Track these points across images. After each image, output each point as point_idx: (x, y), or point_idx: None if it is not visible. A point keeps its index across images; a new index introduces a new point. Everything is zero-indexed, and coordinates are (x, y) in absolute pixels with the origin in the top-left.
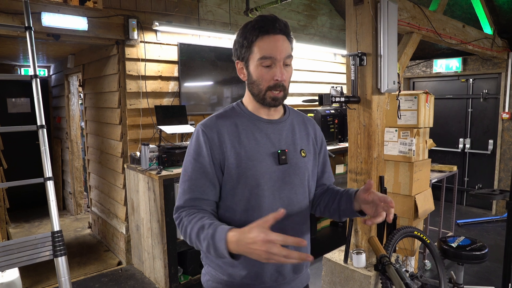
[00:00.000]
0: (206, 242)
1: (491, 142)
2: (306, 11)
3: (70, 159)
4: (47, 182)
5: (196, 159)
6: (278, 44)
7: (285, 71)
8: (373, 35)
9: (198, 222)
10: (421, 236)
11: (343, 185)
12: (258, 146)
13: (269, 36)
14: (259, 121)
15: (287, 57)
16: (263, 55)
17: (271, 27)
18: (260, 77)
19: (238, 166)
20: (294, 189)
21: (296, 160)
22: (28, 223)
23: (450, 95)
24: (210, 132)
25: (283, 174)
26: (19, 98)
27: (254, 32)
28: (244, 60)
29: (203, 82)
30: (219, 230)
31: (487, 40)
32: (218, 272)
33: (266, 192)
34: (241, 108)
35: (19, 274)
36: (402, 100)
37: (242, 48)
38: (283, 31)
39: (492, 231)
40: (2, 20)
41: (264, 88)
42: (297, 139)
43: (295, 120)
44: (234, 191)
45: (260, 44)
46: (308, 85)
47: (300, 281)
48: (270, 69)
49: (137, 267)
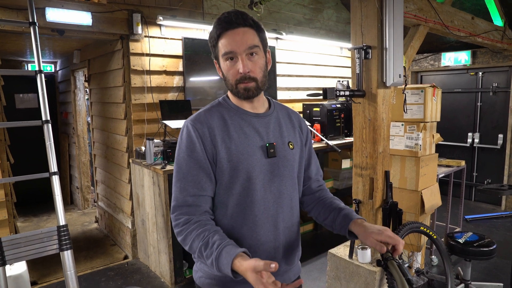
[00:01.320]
0: (210, 260)
1: (500, 136)
2: (312, 5)
3: (77, 154)
4: (52, 176)
5: (190, 156)
6: (237, 38)
7: (250, 62)
8: (378, 27)
9: (201, 236)
10: (427, 232)
11: (350, 180)
12: (247, 140)
13: (228, 31)
14: (246, 115)
15: (251, 47)
16: (225, 50)
17: (229, 22)
18: (228, 72)
19: (229, 161)
20: (283, 181)
21: (284, 152)
22: (37, 217)
23: (458, 89)
24: (201, 128)
25: (272, 167)
26: (26, 94)
27: (216, 31)
28: (216, 58)
29: (208, 77)
30: (224, 255)
31: (497, 32)
32: (212, 268)
33: (258, 185)
34: (227, 102)
35: (26, 267)
36: (408, 94)
37: (212, 48)
38: (242, 24)
39: (501, 227)
40: (7, 16)
41: (233, 82)
42: (284, 132)
43: (280, 114)
44: (225, 185)
45: (222, 41)
46: (314, 79)
47: (292, 272)
48: (235, 63)
49: (143, 261)
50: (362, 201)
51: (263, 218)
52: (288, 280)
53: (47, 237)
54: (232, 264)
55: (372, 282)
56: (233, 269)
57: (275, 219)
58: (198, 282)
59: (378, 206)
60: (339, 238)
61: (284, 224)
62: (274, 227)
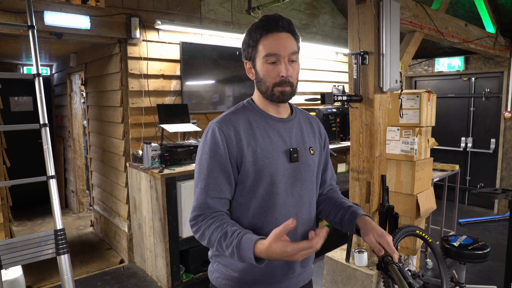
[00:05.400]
0: (230, 249)
1: (493, 141)
2: (308, 10)
3: (73, 158)
4: (49, 180)
5: (212, 157)
6: (282, 41)
7: (291, 67)
8: (375, 33)
9: (219, 228)
10: (423, 235)
11: (345, 184)
12: (272, 144)
13: (273, 34)
14: (271, 119)
15: (292, 53)
16: (268, 52)
17: (274, 25)
18: (266, 74)
19: (254, 164)
20: (304, 185)
21: (306, 158)
22: (31, 221)
23: (452, 94)
24: (227, 130)
25: (294, 171)
26: (21, 97)
27: (258, 31)
28: (251, 59)
29: (205, 81)
30: (245, 241)
31: (489, 38)
32: (229, 269)
33: (280, 189)
34: (252, 106)
35: (22, 272)
36: (404, 99)
37: (249, 48)
38: (287, 29)
39: (494, 230)
40: (5, 19)
41: (271, 85)
42: (305, 137)
43: (301, 119)
44: (249, 188)
45: (264, 42)
46: (310, 84)
47: (306, 275)
48: (276, 66)
49: (139, 265)
50: (359, 205)
51: (284, 222)
52: (302, 282)
53: (44, 241)
54: (254, 247)
55: (368, 285)
56: (255, 256)
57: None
58: (215, 283)
59: (374, 210)
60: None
61: (303, 228)
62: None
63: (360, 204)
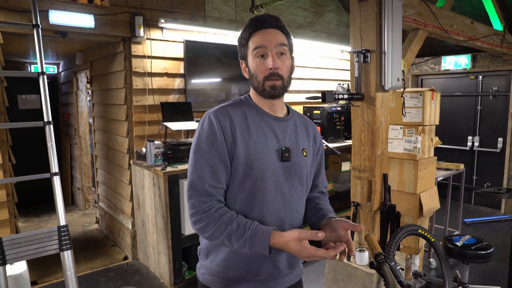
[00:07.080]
0: (242, 240)
1: (500, 140)
2: (313, 8)
3: (79, 155)
4: (53, 177)
5: (210, 146)
6: (269, 36)
7: (279, 60)
8: (377, 32)
9: (227, 221)
10: (425, 235)
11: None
12: (265, 140)
13: (261, 30)
14: (266, 116)
15: (280, 45)
16: (255, 46)
17: (262, 22)
18: (256, 68)
19: (246, 157)
20: (294, 186)
21: (297, 158)
22: (38, 217)
23: (458, 93)
24: (223, 120)
25: (284, 170)
26: (29, 95)
27: (248, 30)
28: (244, 58)
29: (209, 79)
30: (260, 231)
31: (496, 36)
32: (213, 265)
33: (269, 186)
34: (249, 101)
35: (27, 267)
36: (407, 97)
37: (241, 48)
38: (274, 25)
39: (500, 231)
40: (11, 18)
41: (261, 79)
42: (299, 139)
43: (298, 121)
44: (238, 181)
45: (253, 39)
46: (315, 82)
47: (293, 276)
48: (264, 60)
49: (142, 262)
50: (360, 204)
51: (271, 219)
52: (289, 282)
53: (47, 237)
54: (270, 238)
55: (369, 284)
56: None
57: (282, 222)
58: (201, 279)
59: (376, 209)
60: None
61: (290, 228)
62: (281, 229)
63: (361, 203)
